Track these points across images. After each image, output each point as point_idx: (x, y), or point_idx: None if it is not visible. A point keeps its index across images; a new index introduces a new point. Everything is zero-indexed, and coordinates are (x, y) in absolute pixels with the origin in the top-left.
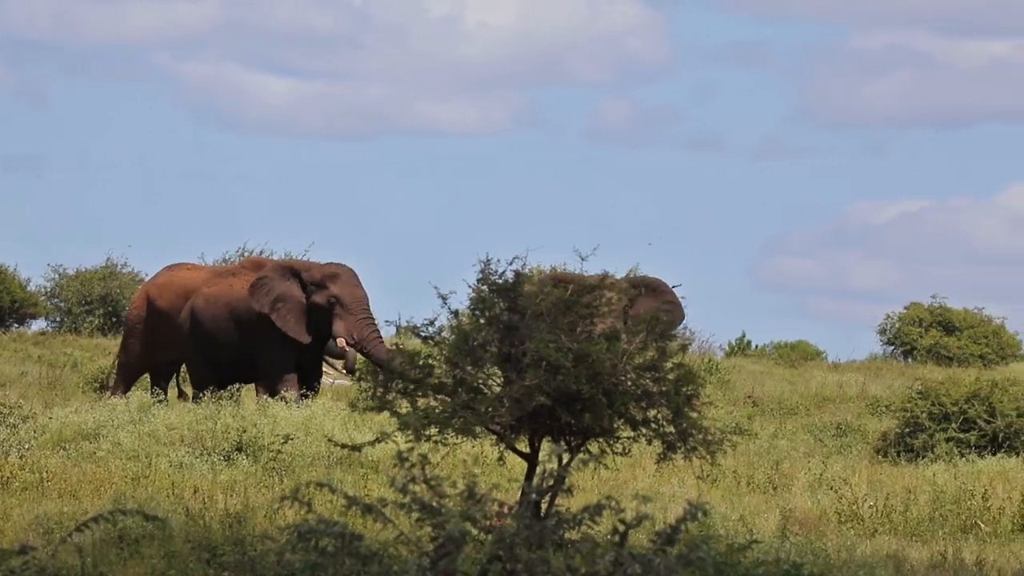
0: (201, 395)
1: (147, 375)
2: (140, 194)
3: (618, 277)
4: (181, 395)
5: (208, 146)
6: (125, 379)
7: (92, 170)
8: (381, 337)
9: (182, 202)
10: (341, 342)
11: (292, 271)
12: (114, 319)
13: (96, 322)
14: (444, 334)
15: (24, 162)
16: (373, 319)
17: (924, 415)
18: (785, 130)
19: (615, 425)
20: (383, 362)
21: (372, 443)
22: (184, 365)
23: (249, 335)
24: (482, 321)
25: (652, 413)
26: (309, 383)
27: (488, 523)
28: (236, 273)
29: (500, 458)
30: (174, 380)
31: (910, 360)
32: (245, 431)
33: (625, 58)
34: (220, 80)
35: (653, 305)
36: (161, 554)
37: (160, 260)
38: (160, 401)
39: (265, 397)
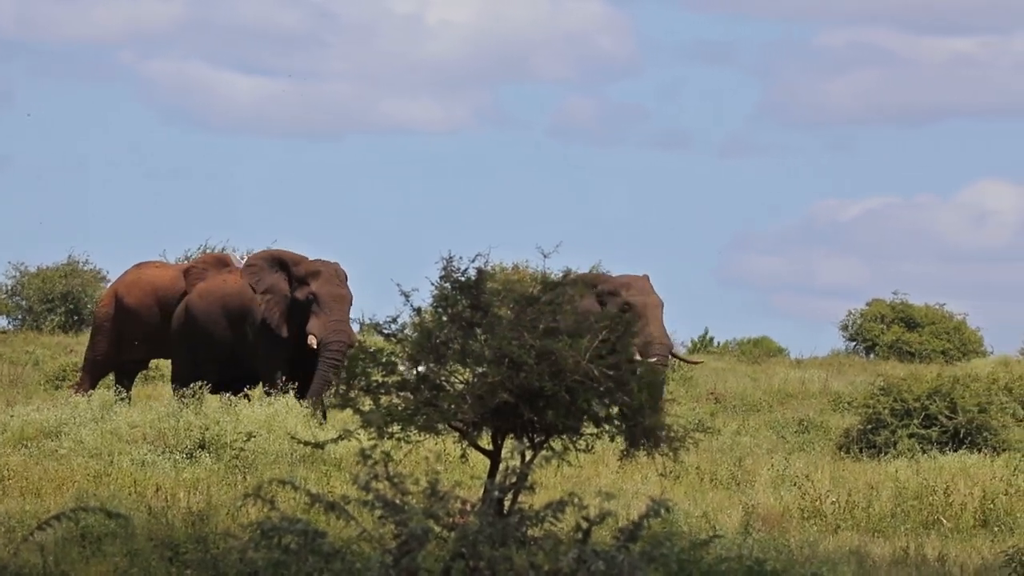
0: (181, 391)
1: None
2: (103, 192)
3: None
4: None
5: (173, 144)
6: (92, 376)
7: (55, 168)
8: (342, 348)
9: (145, 199)
10: (312, 340)
11: (281, 263)
12: (76, 317)
13: (57, 320)
14: (407, 331)
15: None
16: (344, 323)
17: (886, 411)
18: (751, 128)
19: (578, 422)
20: (321, 382)
21: (335, 440)
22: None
23: (240, 330)
24: (445, 318)
25: (615, 410)
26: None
27: (451, 520)
28: (232, 270)
29: (463, 455)
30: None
31: (872, 356)
32: (208, 428)
33: (591, 56)
34: (186, 78)
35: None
36: (123, 552)
37: (123, 257)
38: (122, 399)
39: (228, 396)
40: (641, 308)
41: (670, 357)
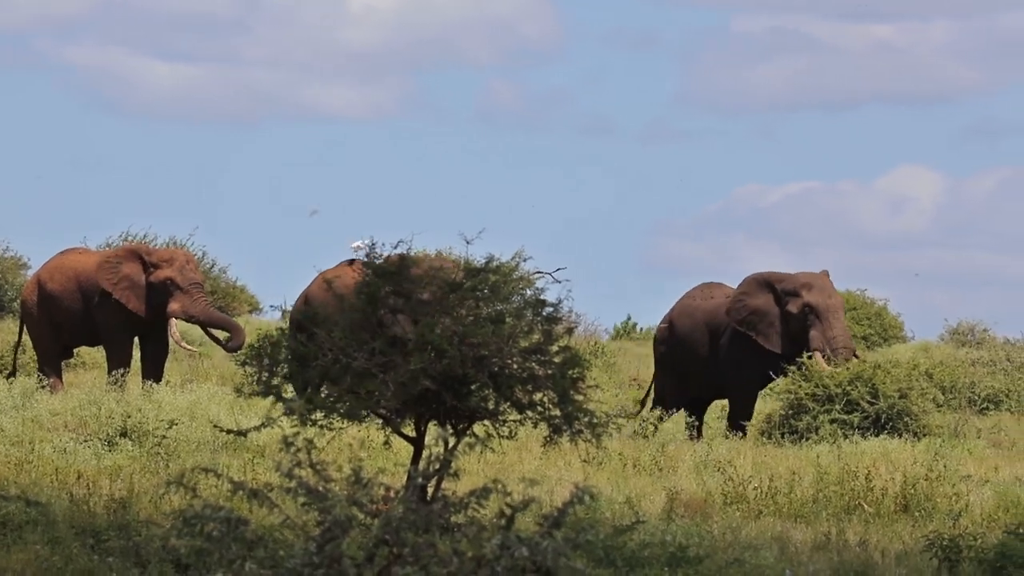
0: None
1: (33, 360)
2: (23, 179)
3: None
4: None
5: (92, 131)
6: (53, 367)
7: None
8: None
9: (66, 186)
10: None
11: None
12: None
13: None
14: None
15: None
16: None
17: (808, 397)
18: (673, 114)
19: (501, 408)
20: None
21: (258, 428)
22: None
23: None
24: (367, 305)
25: (538, 396)
26: None
27: (374, 507)
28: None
29: (386, 442)
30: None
31: None
32: (130, 416)
33: (515, 41)
34: (104, 65)
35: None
36: (45, 540)
37: (44, 244)
38: (43, 387)
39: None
40: (823, 310)
41: (854, 359)
